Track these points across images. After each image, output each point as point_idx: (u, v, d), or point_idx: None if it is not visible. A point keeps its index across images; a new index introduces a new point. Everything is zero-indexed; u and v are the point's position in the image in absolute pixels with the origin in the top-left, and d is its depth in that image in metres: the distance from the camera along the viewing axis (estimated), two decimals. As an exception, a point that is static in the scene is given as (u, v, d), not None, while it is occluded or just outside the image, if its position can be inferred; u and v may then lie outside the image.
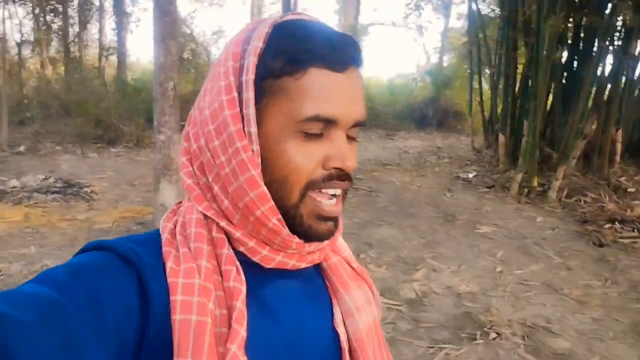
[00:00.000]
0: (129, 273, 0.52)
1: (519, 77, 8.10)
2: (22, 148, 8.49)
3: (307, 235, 0.58)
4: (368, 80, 18.71)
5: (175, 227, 0.59)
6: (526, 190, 6.91)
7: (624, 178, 7.22)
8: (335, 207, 0.58)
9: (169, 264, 0.53)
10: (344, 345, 0.63)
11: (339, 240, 0.70)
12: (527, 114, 7.14)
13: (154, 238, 0.58)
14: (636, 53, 7.10)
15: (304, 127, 0.54)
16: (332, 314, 0.64)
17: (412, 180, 7.82)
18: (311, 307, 0.63)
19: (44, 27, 13.65)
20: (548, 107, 8.15)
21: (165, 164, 4.34)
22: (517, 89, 8.10)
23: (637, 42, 7.05)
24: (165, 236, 0.57)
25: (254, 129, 0.55)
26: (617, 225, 5.67)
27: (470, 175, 8.20)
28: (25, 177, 6.31)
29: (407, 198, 6.76)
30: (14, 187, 5.86)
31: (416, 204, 6.47)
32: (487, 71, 9.92)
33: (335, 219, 0.59)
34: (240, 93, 0.55)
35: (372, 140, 12.16)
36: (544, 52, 6.57)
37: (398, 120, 14.14)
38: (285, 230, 0.57)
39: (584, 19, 6.78)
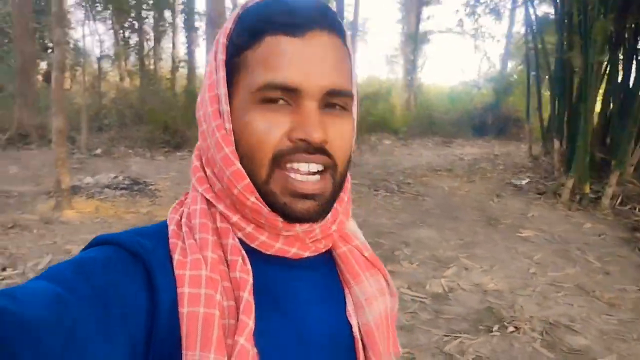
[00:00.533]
0: (135, 267, 0.52)
1: (576, 82, 7.94)
2: (98, 151, 9.35)
3: (286, 214, 0.56)
4: (428, 89, 18.69)
5: (181, 219, 0.59)
6: (578, 196, 6.76)
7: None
8: (311, 184, 0.55)
9: (176, 256, 0.53)
10: (357, 336, 0.62)
11: (351, 228, 0.68)
12: (580, 119, 6.99)
13: (162, 230, 0.58)
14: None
15: (261, 96, 0.53)
16: (345, 305, 0.63)
17: (460, 186, 7.85)
18: (322, 298, 0.62)
19: (122, 43, 14.82)
20: (608, 113, 7.92)
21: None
22: (573, 94, 7.93)
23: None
24: (171, 228, 0.57)
25: (225, 107, 0.56)
26: (671, 233, 5.47)
27: (523, 182, 8.10)
28: (98, 176, 7.00)
29: (453, 202, 6.82)
30: (87, 183, 6.54)
31: (461, 208, 6.53)
32: (546, 76, 9.72)
33: (314, 197, 0.56)
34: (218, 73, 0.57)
35: (428, 147, 12.19)
36: (595, 55, 6.43)
37: (456, 127, 14.04)
38: (266, 209, 0.56)
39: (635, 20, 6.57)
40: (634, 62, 7.42)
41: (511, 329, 3.32)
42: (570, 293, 3.98)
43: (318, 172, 0.56)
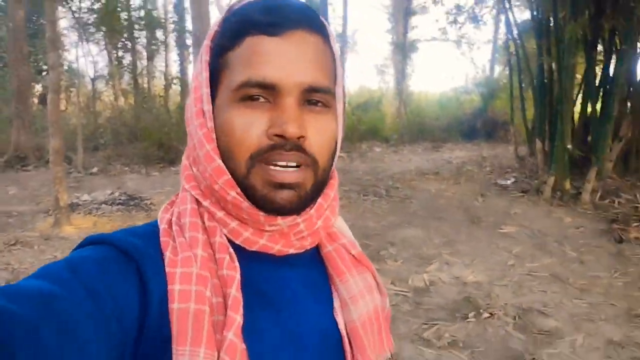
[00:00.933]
0: (127, 266, 0.52)
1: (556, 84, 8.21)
2: (95, 169, 9.58)
3: (266, 206, 0.57)
4: (419, 96, 19.01)
5: (172, 218, 0.60)
6: (559, 193, 7.00)
7: (664, 179, 7.13)
8: (290, 173, 0.56)
9: (167, 254, 0.54)
10: (344, 333, 0.63)
11: (339, 226, 0.69)
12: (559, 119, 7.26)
13: (153, 229, 0.59)
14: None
15: (240, 94, 0.55)
16: (332, 303, 0.65)
17: (447, 188, 8.08)
18: (310, 296, 0.63)
19: (115, 63, 15.11)
20: (588, 112, 8.19)
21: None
22: (553, 96, 8.20)
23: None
24: (162, 227, 0.58)
25: (206, 107, 0.58)
26: (647, 223, 5.70)
27: (508, 182, 8.34)
28: (95, 193, 7.23)
29: (439, 204, 7.05)
30: (85, 200, 6.77)
31: (446, 208, 6.76)
32: (529, 80, 10.01)
33: (293, 187, 0.57)
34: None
35: (418, 153, 12.44)
36: (568, 58, 6.71)
37: (446, 133, 14.32)
38: (246, 203, 0.57)
39: (610, 23, 6.85)
40: (611, 63, 7.70)
41: (486, 315, 3.54)
42: (545, 281, 4.20)
43: (296, 166, 0.57)
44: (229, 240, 0.59)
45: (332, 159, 0.61)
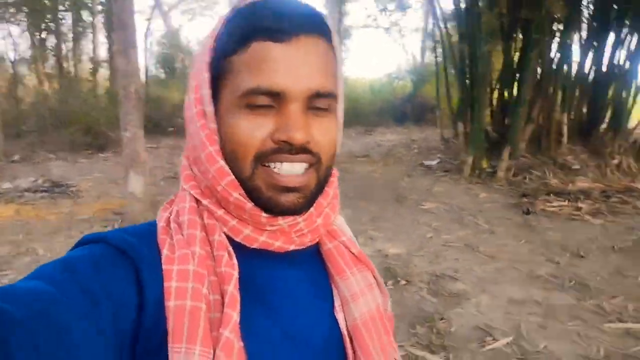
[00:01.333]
0: (124, 264, 0.53)
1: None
2: (17, 157, 9.18)
3: (270, 207, 0.57)
4: (354, 82, 19.37)
5: (170, 216, 0.60)
6: (477, 171, 7.49)
7: (570, 157, 7.78)
8: (295, 177, 0.57)
9: (165, 252, 0.55)
10: (344, 332, 0.63)
11: (339, 224, 0.70)
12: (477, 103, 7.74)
13: (150, 228, 0.59)
14: (573, 43, 7.68)
15: (247, 101, 0.55)
16: (333, 301, 0.65)
17: (376, 170, 8.42)
18: (311, 294, 0.63)
19: (38, 45, 14.39)
20: (506, 96, 8.77)
21: (133, 157, 4.96)
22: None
23: (574, 33, 7.63)
24: (161, 225, 0.59)
25: (208, 108, 0.58)
26: (552, 196, 6.24)
27: (434, 163, 8.79)
28: (17, 180, 6.97)
29: (367, 184, 7.35)
30: (6, 188, 6.52)
31: (375, 189, 7.06)
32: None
33: (298, 190, 0.57)
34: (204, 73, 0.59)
35: (351, 137, 12.77)
36: (484, 45, 7.16)
37: (378, 117, 14.76)
38: (249, 204, 0.57)
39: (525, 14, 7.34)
40: (525, 51, 8.25)
41: (403, 282, 3.82)
42: (458, 251, 4.55)
43: (305, 169, 0.58)
44: (229, 239, 0.59)
45: (333, 158, 0.62)
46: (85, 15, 15.66)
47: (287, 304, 0.60)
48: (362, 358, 0.62)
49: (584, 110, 8.71)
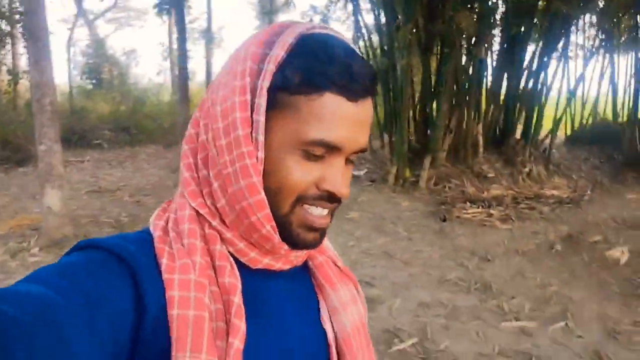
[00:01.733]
0: (122, 271, 0.52)
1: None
2: None
3: (295, 242, 0.60)
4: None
5: (167, 224, 0.60)
6: (401, 181, 7.81)
7: (486, 166, 8.28)
8: (324, 219, 0.61)
9: (164, 261, 0.54)
10: (331, 342, 0.65)
11: (324, 240, 0.72)
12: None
13: (144, 237, 0.59)
14: (482, 55, 8.23)
15: (307, 148, 0.56)
16: (319, 312, 0.66)
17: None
18: (298, 306, 0.65)
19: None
20: (427, 109, 9.19)
21: (48, 171, 4.83)
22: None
23: (487, 47, 8.16)
24: (157, 234, 0.58)
25: (261, 137, 0.56)
26: (468, 204, 6.62)
27: (361, 173, 9.06)
28: None
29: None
30: None
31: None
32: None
33: (323, 230, 0.61)
34: (253, 97, 0.56)
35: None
36: (402, 60, 7.51)
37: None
38: (277, 238, 0.59)
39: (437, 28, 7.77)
40: (441, 65, 8.72)
41: (321, 290, 3.95)
42: (376, 258, 4.76)
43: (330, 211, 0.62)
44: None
45: None
46: (3, 24, 14.90)
47: (278, 316, 0.62)
48: None
49: (500, 121, 9.29)
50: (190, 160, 0.61)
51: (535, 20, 8.47)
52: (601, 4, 8.86)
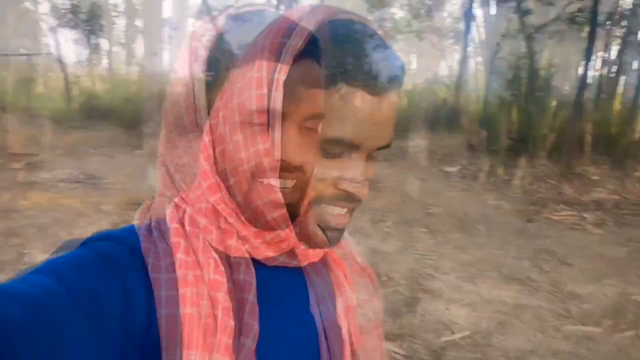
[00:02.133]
0: (111, 271, 0.50)
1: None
2: (60, 151, 9.90)
3: (311, 242, 0.58)
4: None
5: (151, 223, 0.57)
6: (493, 178, 7.53)
7: (591, 167, 7.67)
8: (343, 218, 0.57)
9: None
10: (345, 337, 0.64)
11: (345, 235, 0.69)
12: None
13: (128, 235, 0.56)
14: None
15: (324, 145, 0.52)
16: (336, 308, 0.65)
17: (393, 174, 8.57)
18: (314, 301, 0.63)
19: (92, 49, 15.31)
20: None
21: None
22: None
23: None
24: (142, 232, 0.56)
25: (277, 135, 0.52)
26: (561, 206, 6.23)
27: (455, 169, 8.84)
28: (55, 171, 7.59)
29: (374, 187, 7.53)
30: (44, 178, 7.14)
31: (384, 192, 7.24)
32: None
33: (341, 230, 0.58)
34: (270, 90, 0.51)
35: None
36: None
37: (409, 122, 14.79)
38: (293, 238, 0.58)
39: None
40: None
41: (385, 278, 4.01)
42: (447, 252, 4.69)
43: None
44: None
45: None
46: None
47: (291, 311, 0.61)
48: None
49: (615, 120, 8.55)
50: (210, 152, 0.57)
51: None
52: None
